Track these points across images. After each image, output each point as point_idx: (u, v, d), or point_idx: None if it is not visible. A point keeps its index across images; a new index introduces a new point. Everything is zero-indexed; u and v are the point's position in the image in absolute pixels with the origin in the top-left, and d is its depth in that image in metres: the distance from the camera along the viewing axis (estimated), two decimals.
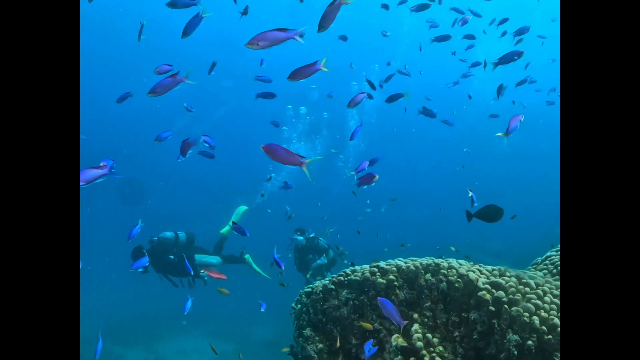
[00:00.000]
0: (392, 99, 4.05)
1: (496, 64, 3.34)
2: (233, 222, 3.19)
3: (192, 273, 4.93)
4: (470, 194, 2.43)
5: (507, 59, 3.29)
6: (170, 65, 2.81)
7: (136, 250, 4.65)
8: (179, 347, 7.65)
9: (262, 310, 3.40)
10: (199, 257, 5.23)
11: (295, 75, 2.21)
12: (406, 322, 2.24)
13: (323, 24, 2.11)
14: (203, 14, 2.58)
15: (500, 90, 4.58)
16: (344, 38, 5.86)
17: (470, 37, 5.89)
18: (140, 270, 3.19)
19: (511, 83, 4.62)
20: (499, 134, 2.86)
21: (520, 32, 5.35)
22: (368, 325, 2.39)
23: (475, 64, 5.40)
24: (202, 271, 5.09)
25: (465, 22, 5.03)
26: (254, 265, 5.96)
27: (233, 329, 8.54)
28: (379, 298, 2.19)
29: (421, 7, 4.59)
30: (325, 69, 2.14)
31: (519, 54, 3.24)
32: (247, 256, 5.89)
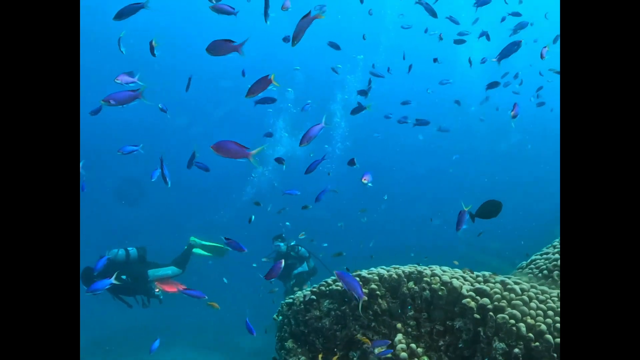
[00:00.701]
0: (355, 111, 4.07)
1: (499, 59, 3.26)
2: (226, 238, 3.03)
3: (154, 292, 4.63)
4: (468, 208, 2.37)
5: (508, 51, 3.22)
6: (134, 77, 2.75)
7: (86, 272, 4.27)
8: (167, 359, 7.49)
9: (253, 334, 3.25)
10: (153, 272, 4.79)
11: (252, 91, 2.23)
12: (365, 298, 2.14)
13: (296, 37, 2.10)
14: (154, 43, 2.90)
15: (491, 86, 4.53)
16: (336, 46, 5.77)
17: (460, 41, 5.84)
18: (98, 292, 3.02)
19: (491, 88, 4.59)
20: (512, 113, 2.85)
21: (520, 27, 5.29)
22: (366, 340, 2.29)
23: (484, 60, 5.31)
24: (156, 290, 4.70)
25: (485, 2, 4.77)
26: (205, 242, 5.49)
27: (221, 338, 8.39)
28: (335, 271, 2.04)
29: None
30: (276, 84, 2.22)
31: (518, 44, 3.18)
32: (192, 238, 5.42)
